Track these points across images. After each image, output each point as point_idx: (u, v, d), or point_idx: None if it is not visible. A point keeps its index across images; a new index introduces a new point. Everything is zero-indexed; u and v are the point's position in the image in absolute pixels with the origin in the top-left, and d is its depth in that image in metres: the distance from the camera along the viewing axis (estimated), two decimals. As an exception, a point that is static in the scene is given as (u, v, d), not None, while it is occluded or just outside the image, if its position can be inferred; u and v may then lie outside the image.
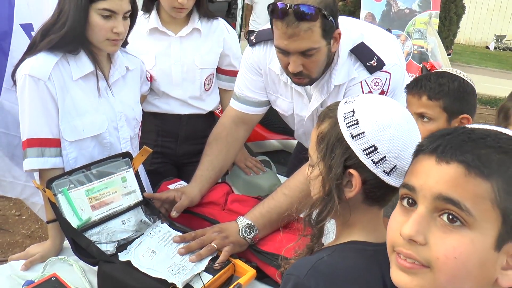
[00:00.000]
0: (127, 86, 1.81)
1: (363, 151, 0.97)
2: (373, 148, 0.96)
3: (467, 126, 0.72)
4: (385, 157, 0.96)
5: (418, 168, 0.72)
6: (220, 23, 2.21)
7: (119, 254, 1.39)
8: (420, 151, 0.73)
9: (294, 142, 2.63)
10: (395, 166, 0.97)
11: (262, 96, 1.94)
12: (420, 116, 1.61)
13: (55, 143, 1.61)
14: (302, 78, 1.61)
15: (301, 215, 1.15)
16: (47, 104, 1.58)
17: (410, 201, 0.73)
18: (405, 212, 0.73)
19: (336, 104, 1.06)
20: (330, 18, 1.48)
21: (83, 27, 1.57)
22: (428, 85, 1.62)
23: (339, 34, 1.56)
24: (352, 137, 0.98)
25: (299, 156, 1.20)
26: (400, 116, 0.99)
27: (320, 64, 1.58)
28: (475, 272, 0.65)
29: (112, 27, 1.59)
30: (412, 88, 1.66)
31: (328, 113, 1.04)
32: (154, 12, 2.11)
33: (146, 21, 2.11)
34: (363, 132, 0.97)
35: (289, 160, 2.57)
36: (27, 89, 1.55)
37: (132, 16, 1.68)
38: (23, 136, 1.60)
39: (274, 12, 1.46)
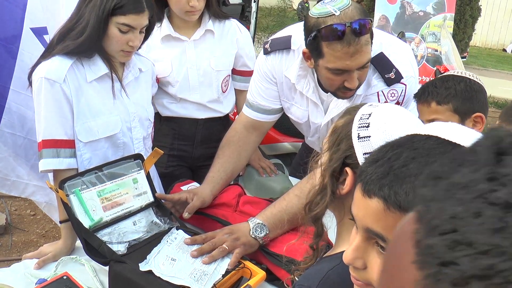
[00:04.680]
0: (140, 87, 1.83)
1: (364, 154, 0.97)
2: None
3: (401, 145, 0.71)
4: None
5: (355, 195, 0.75)
6: (233, 23, 2.22)
7: (140, 264, 1.41)
8: (358, 174, 0.76)
9: (307, 144, 2.62)
10: None
11: (275, 104, 1.94)
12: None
13: (69, 144, 1.64)
14: (353, 91, 1.61)
15: None
16: (62, 106, 1.60)
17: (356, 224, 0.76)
18: (356, 231, 0.76)
19: (362, 104, 1.07)
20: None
21: (100, 37, 1.60)
22: (435, 91, 1.62)
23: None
24: (359, 138, 0.98)
25: (304, 156, 1.21)
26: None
27: (367, 72, 1.60)
28: None
29: (128, 41, 1.62)
30: (420, 97, 1.66)
31: (350, 110, 1.06)
32: (165, 20, 2.12)
33: (158, 30, 2.13)
34: (369, 136, 0.97)
35: (294, 160, 2.57)
36: (43, 92, 1.58)
37: (148, 29, 1.71)
38: (39, 137, 1.63)
39: (331, 35, 1.44)
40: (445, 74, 1.77)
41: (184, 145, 2.29)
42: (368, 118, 0.99)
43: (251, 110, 1.97)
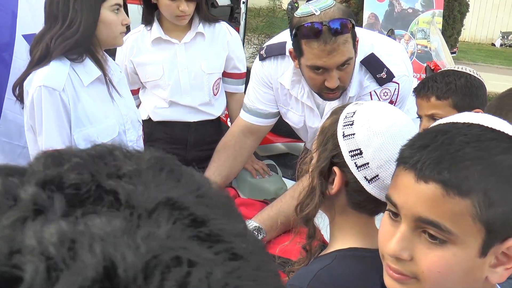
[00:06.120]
0: (125, 90, 1.84)
1: (349, 152, 0.98)
2: (358, 151, 0.97)
3: (448, 131, 0.70)
4: (368, 163, 0.96)
5: (399, 182, 0.72)
6: (223, 26, 2.22)
7: None
8: (401, 161, 0.72)
9: (301, 145, 2.63)
10: (377, 175, 0.96)
11: (273, 108, 1.95)
12: (432, 117, 1.60)
13: None
14: (336, 92, 1.62)
15: None
16: (61, 115, 1.59)
17: (394, 215, 0.74)
18: (392, 222, 0.74)
19: (348, 103, 1.08)
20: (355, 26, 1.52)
21: (95, 28, 1.61)
22: (435, 85, 1.62)
23: (357, 41, 1.59)
24: (343, 136, 0.99)
25: None
26: (397, 129, 0.98)
27: (351, 73, 1.62)
28: (460, 279, 0.68)
29: (122, 20, 1.65)
30: (420, 91, 1.66)
31: (338, 110, 1.06)
32: (155, 23, 2.12)
33: (148, 33, 2.12)
34: (354, 134, 0.98)
35: (295, 162, 2.58)
36: (43, 101, 1.56)
37: None
38: (42, 148, 1.61)
39: (308, 33, 1.48)
40: (445, 69, 1.77)
41: (177, 149, 2.28)
42: (352, 116, 1.00)
43: (249, 115, 1.98)
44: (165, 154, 0.31)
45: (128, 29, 1.81)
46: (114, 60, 1.99)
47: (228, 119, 2.47)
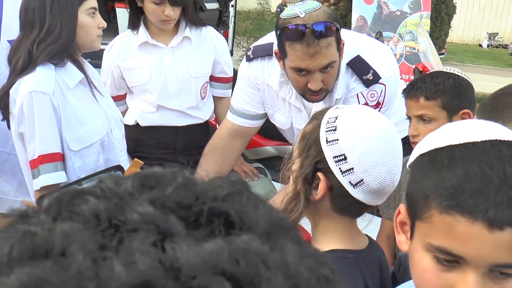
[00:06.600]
0: (104, 91, 1.85)
1: (333, 157, 0.98)
2: (343, 157, 0.97)
3: (488, 162, 0.66)
4: (352, 168, 0.97)
5: (463, 233, 0.66)
6: (210, 30, 2.22)
7: None
8: (456, 210, 0.66)
9: (290, 148, 2.62)
10: (362, 180, 0.97)
11: (260, 109, 1.95)
12: (421, 118, 1.61)
13: (61, 156, 1.64)
14: (320, 94, 1.63)
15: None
16: (53, 119, 1.60)
17: (450, 263, 0.69)
18: (444, 268, 0.70)
19: (329, 108, 1.07)
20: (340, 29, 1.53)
21: (75, 32, 1.62)
22: (424, 86, 1.63)
23: (343, 44, 1.60)
24: (327, 142, 0.99)
25: None
26: (380, 133, 0.98)
27: (335, 76, 1.62)
28: None
29: (99, 23, 1.67)
30: (409, 92, 1.67)
31: (318, 115, 1.06)
32: (142, 27, 2.11)
33: (135, 38, 2.12)
34: (337, 140, 0.98)
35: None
36: (34, 106, 1.55)
37: None
38: (34, 154, 1.59)
39: (291, 35, 1.48)
40: (434, 70, 1.79)
41: (166, 154, 2.27)
42: (334, 121, 1.00)
43: (236, 116, 1.97)
44: (234, 177, 0.31)
45: (117, 33, 1.81)
46: (100, 63, 1.99)
47: (220, 124, 2.46)
